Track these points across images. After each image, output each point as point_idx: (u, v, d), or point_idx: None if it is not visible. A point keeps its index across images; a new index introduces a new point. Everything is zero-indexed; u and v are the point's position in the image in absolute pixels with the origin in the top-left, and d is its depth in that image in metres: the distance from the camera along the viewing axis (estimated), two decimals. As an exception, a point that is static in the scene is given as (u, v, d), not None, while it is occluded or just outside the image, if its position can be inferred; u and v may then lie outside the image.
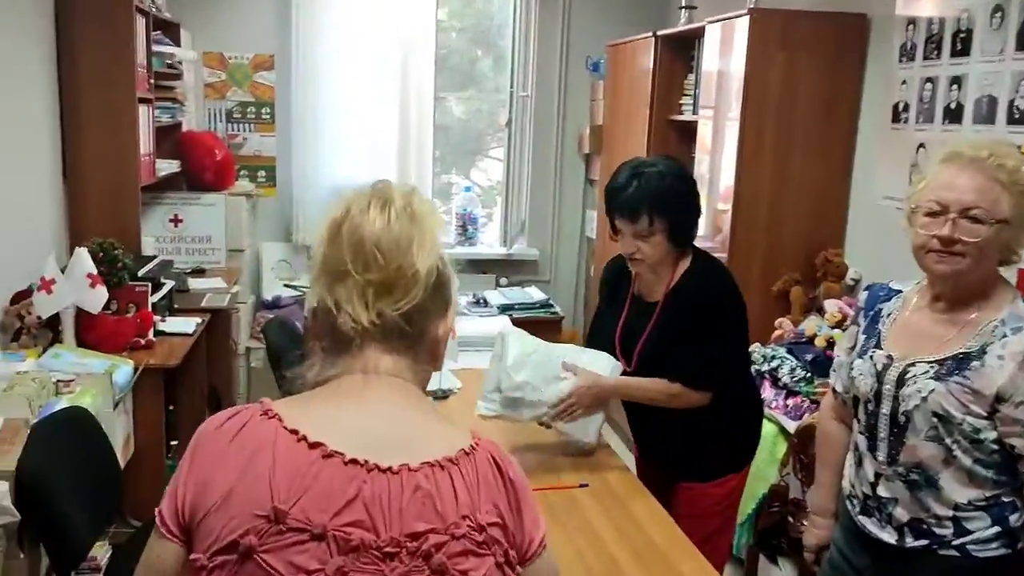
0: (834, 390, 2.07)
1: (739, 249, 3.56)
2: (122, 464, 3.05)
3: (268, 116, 5.30)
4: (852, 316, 2.03)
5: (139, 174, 3.85)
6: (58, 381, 2.78)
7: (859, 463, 1.92)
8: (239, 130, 5.29)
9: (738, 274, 3.52)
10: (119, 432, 3.00)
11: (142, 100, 3.92)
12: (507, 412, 2.37)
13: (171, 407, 3.94)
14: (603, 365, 2.38)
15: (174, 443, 3.91)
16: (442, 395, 2.89)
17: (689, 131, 4.26)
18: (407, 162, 5.36)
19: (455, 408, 2.83)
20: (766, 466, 3.13)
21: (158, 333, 3.54)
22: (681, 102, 4.39)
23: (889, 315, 1.91)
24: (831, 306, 3.37)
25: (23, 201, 3.42)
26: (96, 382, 2.91)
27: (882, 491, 1.86)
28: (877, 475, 1.87)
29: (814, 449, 2.23)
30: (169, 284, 3.84)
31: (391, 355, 1.14)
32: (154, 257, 3.85)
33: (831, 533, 2.08)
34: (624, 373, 2.41)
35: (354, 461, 1.06)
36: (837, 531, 2.06)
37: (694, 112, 4.17)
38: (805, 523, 2.72)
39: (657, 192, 2.25)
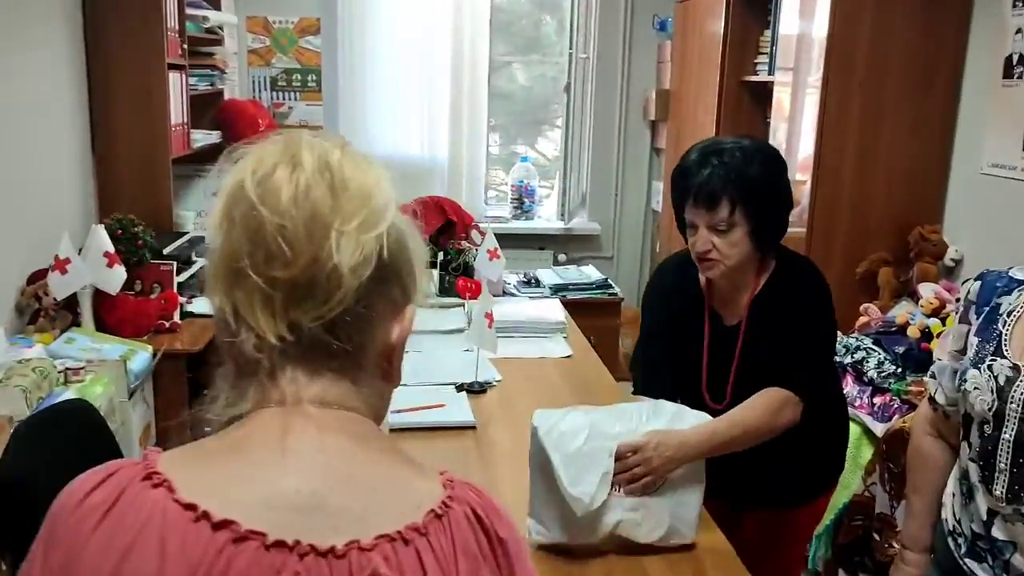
0: (932, 400, 1.70)
1: (819, 224, 3.17)
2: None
3: (314, 84, 5.05)
4: (959, 310, 1.65)
5: (170, 145, 3.63)
6: (67, 369, 2.58)
7: (968, 495, 1.55)
8: (284, 99, 5.05)
9: (818, 253, 3.19)
10: (136, 423, 2.80)
11: (173, 66, 3.70)
12: (575, 535, 1.72)
13: (206, 391, 3.75)
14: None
15: (208, 430, 3.72)
16: (479, 388, 2.60)
17: (764, 94, 3.85)
18: (460, 131, 5.06)
19: (493, 405, 2.53)
20: (849, 473, 2.75)
21: (186, 315, 3.33)
22: (756, 61, 3.98)
23: (1011, 313, 1.52)
24: (926, 291, 2.96)
25: (48, 175, 3.23)
26: (109, 369, 2.71)
27: (998, 533, 1.49)
28: (992, 513, 1.50)
29: (904, 462, 1.86)
30: (202, 262, 3.63)
31: (318, 380, 0.82)
32: (184, 233, 3.64)
33: (925, 572, 1.72)
34: (715, 412, 1.91)
35: (279, 544, 0.75)
36: (933, 570, 1.70)
37: (770, 73, 3.75)
38: (894, 545, 2.36)
39: (741, 175, 1.82)
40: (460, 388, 2.58)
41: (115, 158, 3.60)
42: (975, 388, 1.50)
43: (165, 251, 3.25)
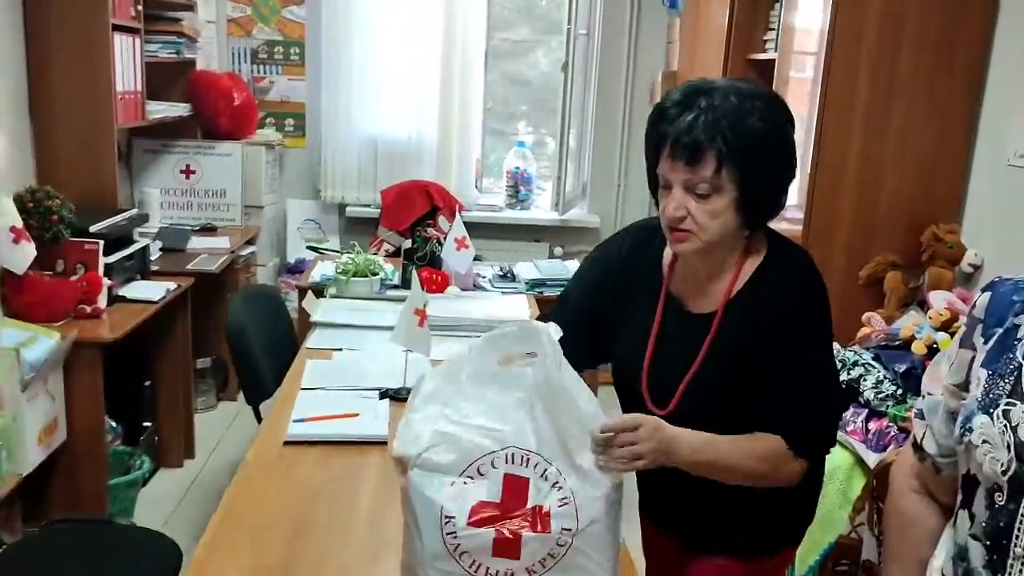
0: (918, 446, 1.32)
1: (818, 220, 2.78)
2: (43, 455, 2.58)
3: (297, 57, 4.75)
4: (962, 331, 1.27)
5: (115, 114, 3.34)
6: (-56, 356, 2.30)
7: None
8: (265, 72, 4.76)
9: (815, 253, 2.73)
10: (33, 418, 2.51)
11: (123, 28, 3.41)
12: None
13: (147, 383, 3.47)
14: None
15: (147, 424, 3.43)
16: (406, 395, 2.25)
17: (772, 75, 3.45)
18: (451, 112, 4.72)
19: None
20: (836, 507, 2.38)
21: (117, 299, 3.04)
22: (765, 39, 3.58)
23: (1035, 338, 1.15)
24: (938, 299, 2.56)
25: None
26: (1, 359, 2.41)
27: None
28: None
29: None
30: (144, 243, 3.34)
31: None
32: (125, 210, 3.34)
33: None
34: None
35: None
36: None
37: (776, 49, 3.36)
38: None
39: (735, 124, 1.41)
40: (384, 395, 2.25)
41: (54, 126, 3.30)
42: (984, 442, 1.12)
43: (92, 228, 2.95)
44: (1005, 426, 1.10)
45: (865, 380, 2.44)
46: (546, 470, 1.31)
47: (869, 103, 2.69)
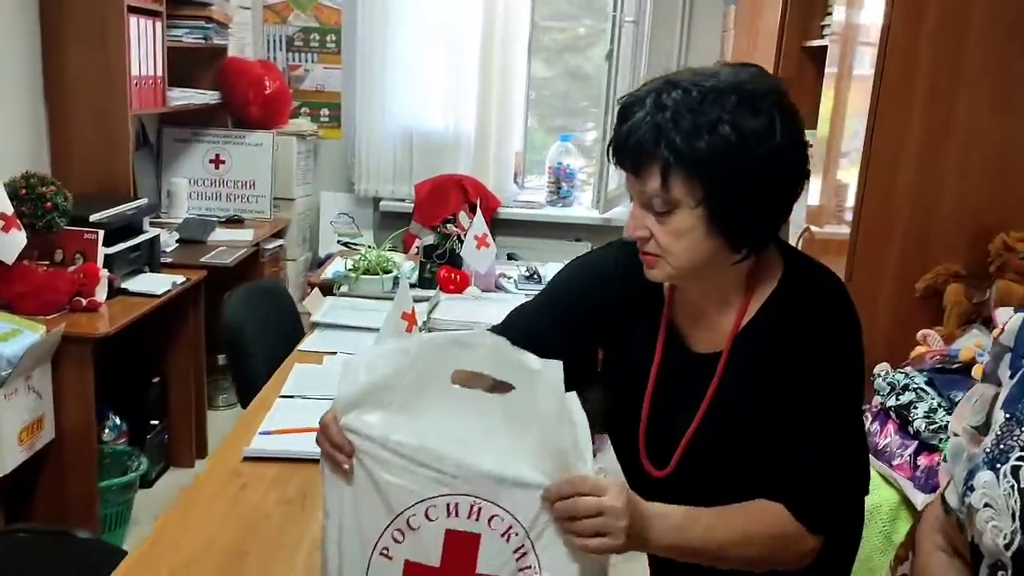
0: (944, 500, 1.07)
1: (869, 225, 2.47)
2: (25, 455, 2.45)
3: (333, 45, 4.59)
4: (987, 362, 1.01)
5: (129, 100, 3.22)
6: (-86, 349, 2.18)
7: None
8: (300, 60, 4.61)
9: (866, 262, 2.50)
10: (12, 416, 2.38)
11: (142, 11, 3.30)
12: None
13: (155, 380, 3.34)
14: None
15: (154, 423, 3.31)
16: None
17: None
18: (489, 104, 4.50)
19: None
20: (877, 552, 2.09)
21: (119, 292, 2.91)
22: (823, 24, 3.27)
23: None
24: (1005, 317, 2.23)
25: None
26: (-26, 352, 2.29)
27: None
28: None
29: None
30: (153, 233, 3.21)
31: None
32: (136, 199, 3.21)
33: None
34: (654, 482, 1.32)
35: None
36: None
37: (829, 35, 3.06)
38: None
39: (691, 126, 1.14)
40: (368, 406, 2.04)
41: (68, 111, 3.21)
42: (986, 505, 0.87)
43: (93, 217, 2.83)
44: (1012, 487, 0.85)
45: (916, 408, 2.14)
46: (509, 528, 1.06)
47: (930, 96, 2.37)
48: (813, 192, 2.95)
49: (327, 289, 2.99)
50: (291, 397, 2.09)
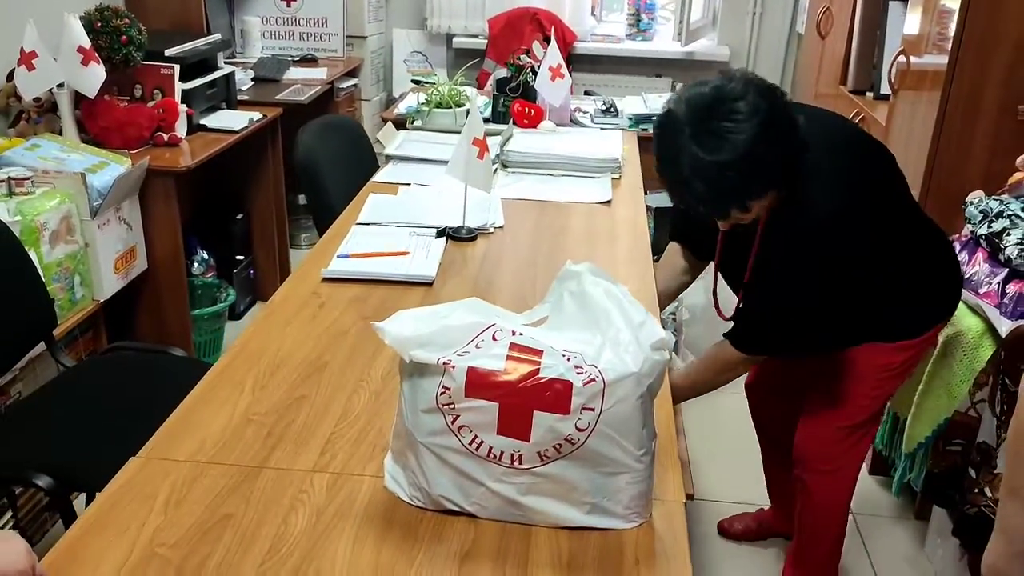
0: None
1: (970, 46, 2.29)
2: (122, 283, 2.57)
3: None
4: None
5: (198, -69, 3.16)
6: (10, 179, 2.26)
7: None
8: None
9: (964, 90, 2.33)
10: (107, 245, 2.49)
11: None
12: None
13: (239, 216, 3.43)
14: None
15: (239, 258, 3.42)
16: (467, 235, 2.07)
17: None
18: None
19: (475, 257, 2.00)
20: (957, 379, 2.06)
21: (198, 129, 2.95)
22: None
23: None
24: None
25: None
26: (66, 183, 2.37)
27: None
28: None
29: None
30: (228, 70, 3.21)
31: None
32: (209, 34, 3.20)
33: None
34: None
35: None
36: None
37: None
38: (986, 493, 1.71)
39: (739, 181, 1.44)
40: (441, 233, 2.06)
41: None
42: None
43: (168, 52, 2.83)
44: None
45: (1009, 235, 2.05)
46: (564, 348, 1.09)
47: None
48: (911, 20, 2.75)
49: (400, 124, 2.98)
50: (367, 224, 2.12)
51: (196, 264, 3.19)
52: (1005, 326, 1.92)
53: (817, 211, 1.52)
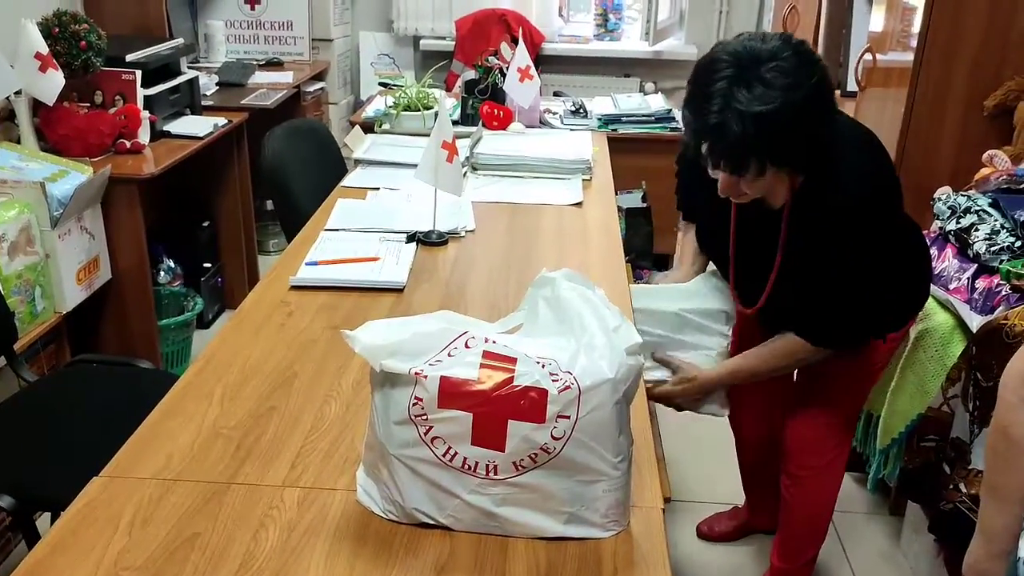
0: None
1: (937, 39, 2.31)
2: (85, 294, 2.52)
3: None
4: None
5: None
6: (-34, 190, 2.21)
7: None
8: None
9: (930, 86, 2.35)
10: (69, 256, 2.43)
11: None
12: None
13: (206, 223, 3.37)
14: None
15: (207, 265, 3.36)
16: (438, 240, 2.04)
17: None
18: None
19: (445, 262, 1.98)
20: (929, 375, 2.07)
21: (162, 135, 2.90)
22: None
23: None
24: (1080, 135, 2.11)
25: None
26: (26, 193, 2.32)
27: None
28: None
29: (997, 374, 1.17)
30: (191, 75, 3.16)
31: None
32: (171, 39, 3.15)
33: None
34: (746, 317, 1.86)
35: None
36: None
37: None
38: (961, 489, 1.71)
39: (769, 137, 1.43)
40: (411, 238, 2.04)
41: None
42: None
43: (129, 57, 2.78)
44: None
45: (977, 230, 2.06)
46: (539, 355, 1.06)
47: None
48: (876, 18, 2.77)
49: (368, 128, 2.95)
50: (336, 230, 2.09)
51: (162, 273, 3.13)
52: (976, 321, 1.93)
53: (853, 189, 1.54)
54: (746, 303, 1.81)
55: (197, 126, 2.99)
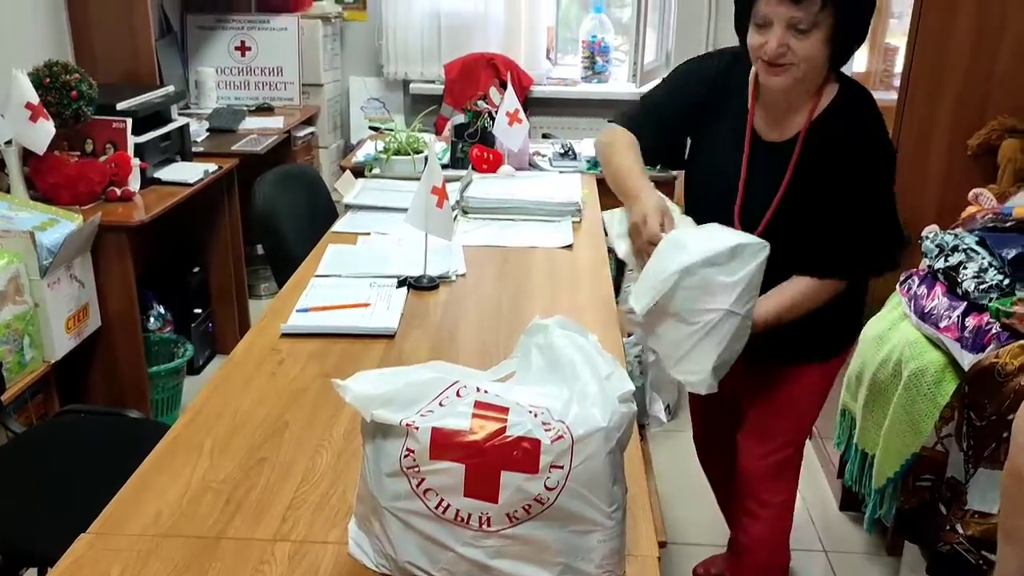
0: None
1: (921, 74, 2.35)
2: (74, 342, 2.50)
3: (353, -80, 4.41)
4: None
5: (148, -17, 3.14)
6: (-45, 240, 2.20)
7: None
8: (318, -58, 4.44)
9: (915, 125, 2.38)
10: (58, 305, 2.42)
11: None
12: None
13: (196, 269, 3.37)
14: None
15: (197, 311, 3.35)
16: (429, 284, 2.04)
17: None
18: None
19: (436, 306, 1.98)
20: (922, 414, 2.06)
21: (152, 182, 2.90)
22: None
23: None
24: (1064, 173, 2.13)
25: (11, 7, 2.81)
26: (15, 242, 2.31)
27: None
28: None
29: (990, 412, 1.17)
30: (181, 122, 3.17)
31: None
32: (162, 86, 3.17)
33: None
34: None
35: None
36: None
37: None
38: (958, 530, 1.70)
39: None
40: (402, 283, 2.03)
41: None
42: None
43: (120, 106, 2.79)
44: None
45: (965, 268, 2.07)
46: (531, 404, 1.05)
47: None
48: (859, 59, 2.81)
49: (359, 172, 2.96)
50: (326, 276, 2.09)
51: (152, 319, 3.12)
52: (967, 360, 1.94)
53: (878, 122, 1.66)
54: (748, 227, 1.74)
55: (187, 172, 3.00)
